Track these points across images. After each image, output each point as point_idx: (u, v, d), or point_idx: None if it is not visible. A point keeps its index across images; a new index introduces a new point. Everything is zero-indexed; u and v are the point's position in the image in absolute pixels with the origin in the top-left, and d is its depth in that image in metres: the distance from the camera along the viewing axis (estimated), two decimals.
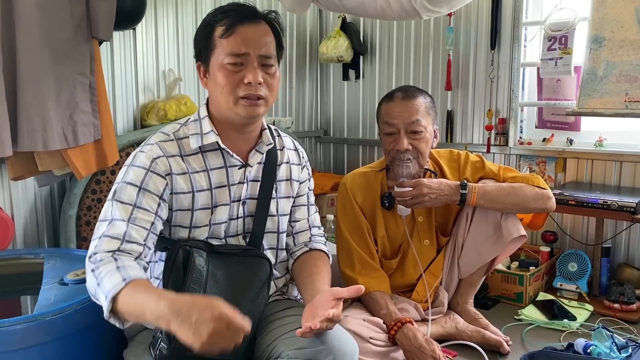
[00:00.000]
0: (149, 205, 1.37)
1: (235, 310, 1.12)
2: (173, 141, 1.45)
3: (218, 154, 1.48)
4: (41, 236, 2.34)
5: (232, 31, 1.40)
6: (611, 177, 2.70)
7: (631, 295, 2.37)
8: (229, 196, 1.49)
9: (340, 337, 1.36)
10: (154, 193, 1.38)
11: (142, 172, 1.38)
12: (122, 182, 1.38)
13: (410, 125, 1.96)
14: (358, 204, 2.08)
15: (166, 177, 1.40)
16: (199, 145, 1.45)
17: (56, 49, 1.92)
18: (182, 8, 2.82)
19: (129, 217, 1.34)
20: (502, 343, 1.99)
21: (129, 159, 1.43)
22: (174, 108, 2.61)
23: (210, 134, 1.46)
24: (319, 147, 3.89)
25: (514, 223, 2.02)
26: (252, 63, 1.41)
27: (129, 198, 1.36)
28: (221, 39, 1.40)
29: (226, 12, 1.42)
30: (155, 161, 1.40)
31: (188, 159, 1.44)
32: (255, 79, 1.40)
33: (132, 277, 1.22)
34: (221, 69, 1.41)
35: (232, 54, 1.39)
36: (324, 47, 3.43)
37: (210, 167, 1.47)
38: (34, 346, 1.39)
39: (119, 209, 1.35)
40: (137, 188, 1.37)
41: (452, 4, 2.05)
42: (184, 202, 1.43)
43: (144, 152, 1.41)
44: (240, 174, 1.50)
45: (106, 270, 1.25)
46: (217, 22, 1.42)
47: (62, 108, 1.96)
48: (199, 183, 1.45)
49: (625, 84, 2.42)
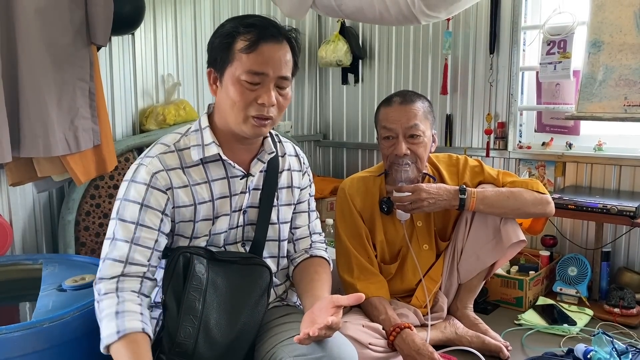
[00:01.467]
0: (152, 222, 1.36)
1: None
2: (174, 152, 1.43)
3: (219, 164, 1.47)
4: (40, 242, 2.34)
5: (255, 48, 1.36)
6: (610, 181, 2.70)
7: (631, 300, 2.36)
8: (230, 206, 1.48)
9: (340, 343, 1.36)
10: (156, 209, 1.37)
11: (143, 188, 1.37)
12: (124, 199, 1.37)
13: (409, 130, 1.96)
14: (357, 209, 2.08)
15: (167, 191, 1.39)
16: (200, 157, 1.44)
17: (56, 54, 1.92)
18: (181, 13, 2.82)
19: (132, 237, 1.34)
20: (502, 348, 1.99)
21: (129, 173, 1.41)
22: (173, 113, 2.62)
23: (212, 145, 1.44)
24: (318, 151, 3.89)
25: (513, 228, 2.02)
26: (268, 84, 1.38)
27: (132, 216, 1.35)
28: (242, 53, 1.37)
29: (250, 27, 1.38)
30: (155, 176, 1.38)
31: (189, 171, 1.43)
32: (269, 100, 1.38)
33: (127, 331, 1.24)
34: (236, 83, 1.38)
35: (251, 71, 1.36)
36: (323, 51, 3.43)
37: (211, 179, 1.45)
38: (32, 353, 1.38)
39: (121, 228, 1.34)
40: (139, 205, 1.36)
41: (451, 10, 2.05)
42: (185, 214, 1.42)
43: (145, 165, 1.40)
44: (242, 184, 1.49)
45: (106, 312, 1.27)
46: (240, 34, 1.38)
47: (64, 114, 1.96)
48: (201, 195, 1.43)
49: (624, 88, 2.42)
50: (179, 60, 2.83)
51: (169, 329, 1.32)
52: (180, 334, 1.30)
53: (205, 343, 1.33)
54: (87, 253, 2.34)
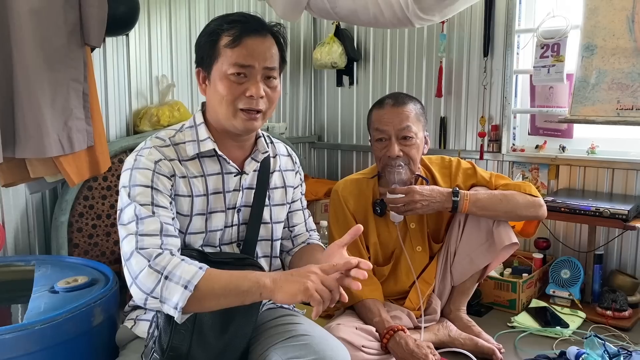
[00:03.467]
0: (164, 203, 1.36)
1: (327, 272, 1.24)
2: (170, 146, 1.44)
3: (215, 160, 1.48)
4: (32, 243, 2.33)
5: (238, 42, 1.39)
6: (603, 184, 2.71)
7: (623, 303, 2.37)
8: (224, 203, 1.49)
9: (332, 346, 1.36)
10: (165, 192, 1.37)
11: (149, 173, 1.36)
12: (132, 185, 1.35)
13: (401, 132, 1.97)
14: (350, 210, 2.08)
15: (171, 178, 1.40)
16: (196, 152, 1.45)
17: (50, 55, 1.91)
18: (175, 14, 2.82)
19: (155, 214, 1.33)
20: (495, 351, 1.99)
21: (129, 163, 1.40)
22: (167, 114, 2.61)
23: (207, 141, 1.45)
24: (312, 153, 3.89)
25: (505, 230, 2.02)
26: (255, 76, 1.40)
27: (146, 199, 1.33)
28: (226, 48, 1.39)
29: (233, 22, 1.41)
30: (158, 164, 1.38)
31: (186, 164, 1.44)
32: (257, 92, 1.40)
33: (206, 266, 1.25)
34: (224, 78, 1.40)
35: (237, 64, 1.38)
36: (317, 53, 3.44)
37: (207, 173, 1.46)
38: (24, 355, 1.38)
39: (143, 209, 1.32)
40: (149, 188, 1.35)
41: (445, 13, 2.05)
42: (183, 205, 1.42)
43: (143, 155, 1.39)
44: (236, 182, 1.50)
45: (173, 263, 1.24)
46: (224, 31, 1.40)
47: (57, 115, 1.95)
48: (197, 188, 1.44)
49: (616, 91, 2.43)
50: (174, 62, 2.83)
51: (162, 332, 1.31)
52: (174, 337, 1.30)
53: (199, 346, 1.33)
54: (80, 254, 2.33)
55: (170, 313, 1.23)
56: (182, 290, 1.21)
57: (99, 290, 1.61)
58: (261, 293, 1.23)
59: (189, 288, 1.21)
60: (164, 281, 1.22)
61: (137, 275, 1.24)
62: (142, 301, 1.24)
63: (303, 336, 1.37)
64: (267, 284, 1.22)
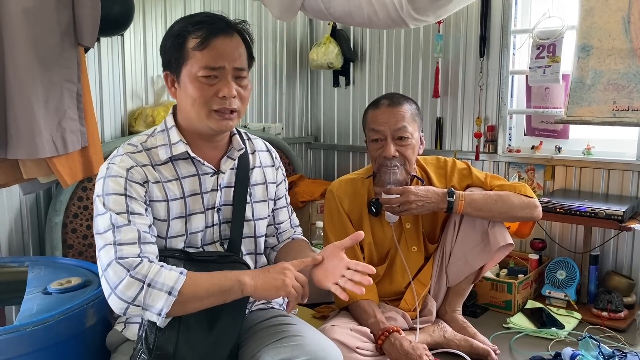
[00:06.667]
0: (140, 210, 1.35)
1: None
2: (142, 152, 1.43)
3: (189, 162, 1.47)
4: (26, 244, 2.32)
5: (207, 44, 1.38)
6: (599, 185, 2.71)
7: (619, 303, 2.37)
8: (203, 204, 1.48)
9: (325, 346, 1.36)
10: (139, 199, 1.36)
11: (122, 181, 1.36)
12: (106, 194, 1.35)
13: (397, 132, 1.97)
14: (345, 210, 2.08)
15: (144, 184, 1.39)
16: (169, 156, 1.44)
17: (43, 55, 1.90)
18: (170, 14, 2.81)
19: (131, 222, 1.32)
20: (490, 352, 1.99)
21: (102, 171, 1.39)
22: (162, 114, 2.60)
23: (179, 143, 1.44)
24: (309, 153, 3.88)
25: (501, 231, 2.02)
26: (226, 76, 1.40)
27: (121, 207, 1.33)
28: (195, 50, 1.39)
29: (199, 24, 1.40)
30: (130, 171, 1.38)
31: (159, 168, 1.43)
32: (230, 92, 1.40)
33: (186, 270, 1.28)
34: (194, 81, 1.39)
35: (207, 67, 1.38)
36: (314, 54, 3.43)
37: (182, 176, 1.45)
38: (16, 357, 1.37)
39: (119, 217, 1.32)
40: (123, 196, 1.34)
41: (439, 13, 2.05)
42: (160, 211, 1.41)
43: (115, 163, 1.39)
44: (213, 181, 1.50)
45: (154, 271, 1.25)
46: (190, 33, 1.40)
47: (50, 115, 1.94)
48: (172, 192, 1.43)
49: (612, 92, 2.43)
50: None
51: (147, 332, 1.30)
52: (159, 336, 1.29)
53: (186, 345, 1.32)
54: (74, 255, 2.32)
55: (153, 319, 1.24)
56: (166, 296, 1.23)
57: (92, 292, 1.60)
58: (242, 290, 1.30)
59: (173, 293, 1.23)
60: (146, 289, 1.23)
61: (116, 285, 1.24)
62: (122, 310, 1.25)
63: (295, 337, 1.36)
64: (247, 281, 1.30)
